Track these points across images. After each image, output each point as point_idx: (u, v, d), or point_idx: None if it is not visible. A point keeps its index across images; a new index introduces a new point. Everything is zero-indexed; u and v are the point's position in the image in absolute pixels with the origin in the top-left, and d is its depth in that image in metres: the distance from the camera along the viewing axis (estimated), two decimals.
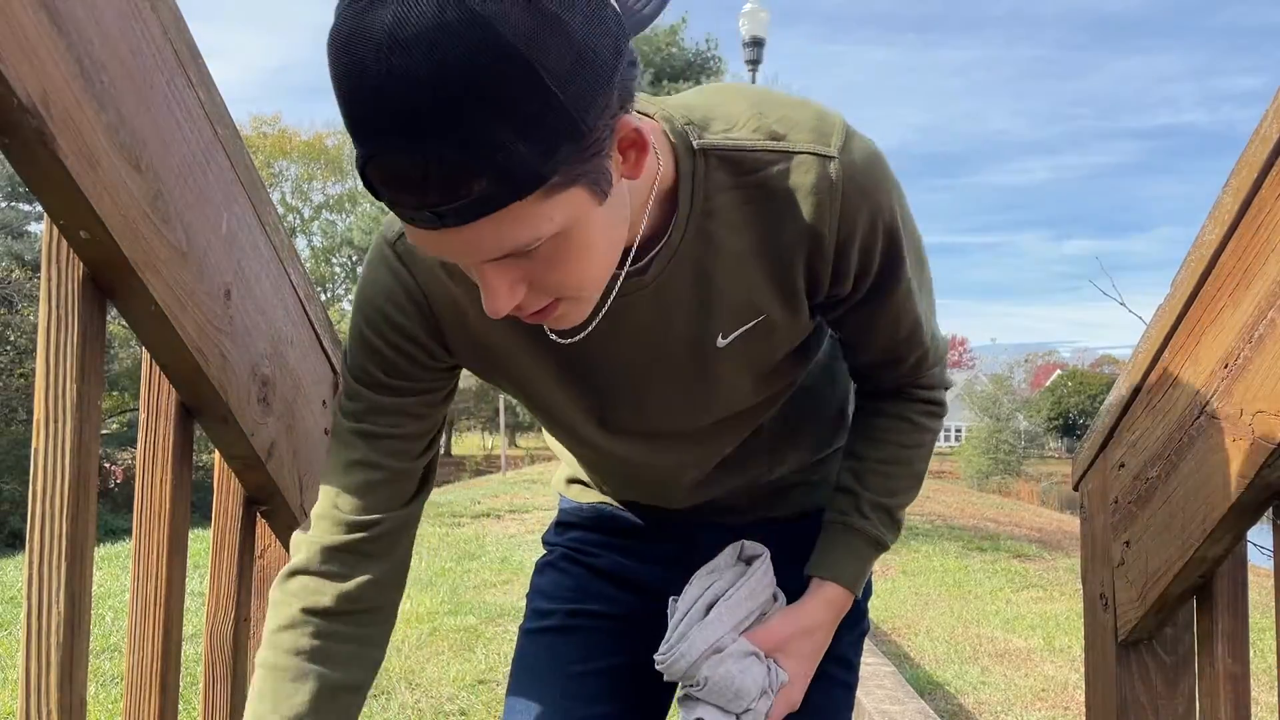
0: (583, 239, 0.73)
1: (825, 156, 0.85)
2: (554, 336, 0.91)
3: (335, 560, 0.93)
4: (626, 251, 0.86)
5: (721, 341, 0.92)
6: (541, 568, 1.20)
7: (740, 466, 1.07)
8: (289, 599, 0.92)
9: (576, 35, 0.64)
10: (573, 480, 1.22)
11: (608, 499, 1.19)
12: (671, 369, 0.94)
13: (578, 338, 0.90)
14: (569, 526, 1.21)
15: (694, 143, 0.85)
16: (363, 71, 0.61)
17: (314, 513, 0.95)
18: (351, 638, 0.93)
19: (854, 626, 1.12)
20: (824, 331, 1.03)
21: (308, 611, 0.91)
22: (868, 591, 1.16)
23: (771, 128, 0.86)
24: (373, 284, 0.90)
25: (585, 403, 0.97)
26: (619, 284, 0.87)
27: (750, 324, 0.91)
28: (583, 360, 0.94)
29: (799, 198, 0.85)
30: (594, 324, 0.88)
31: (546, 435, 1.15)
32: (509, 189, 0.65)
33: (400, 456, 0.94)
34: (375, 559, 0.94)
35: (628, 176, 0.76)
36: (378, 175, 0.65)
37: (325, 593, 0.92)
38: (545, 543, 1.23)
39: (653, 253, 0.87)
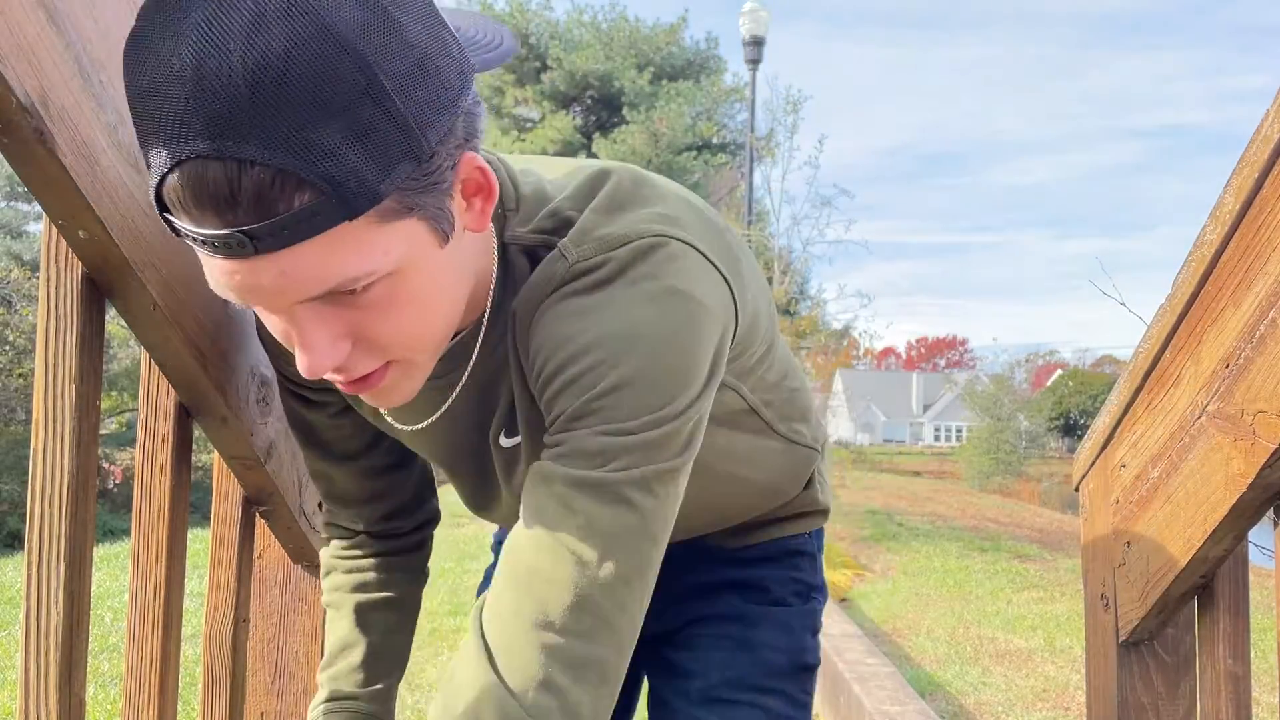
0: (419, 285, 0.63)
1: (564, 256, 0.72)
2: (392, 421, 0.84)
3: (340, 531, 1.05)
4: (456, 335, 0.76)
5: (504, 441, 0.82)
6: (489, 572, 1.18)
7: None
8: (326, 549, 1.06)
9: (417, 42, 0.57)
10: None
11: None
12: (461, 453, 0.88)
13: (419, 426, 0.81)
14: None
15: (505, 234, 0.75)
16: (165, 70, 0.52)
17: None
18: (370, 568, 1.03)
19: (794, 661, 1.03)
20: None
21: (335, 557, 1.05)
22: (814, 626, 1.07)
23: (564, 219, 0.74)
24: None
25: (404, 440, 0.94)
26: (461, 383, 0.78)
27: (516, 439, 0.81)
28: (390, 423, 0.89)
29: (527, 292, 0.73)
30: (435, 417, 0.80)
31: None
32: (336, 205, 0.55)
33: (333, 458, 0.98)
34: (375, 536, 1.04)
35: (471, 228, 0.67)
36: (177, 190, 0.54)
37: (344, 544, 1.04)
38: (495, 545, 1.21)
39: (450, 348, 0.77)
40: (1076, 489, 1.30)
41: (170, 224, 0.57)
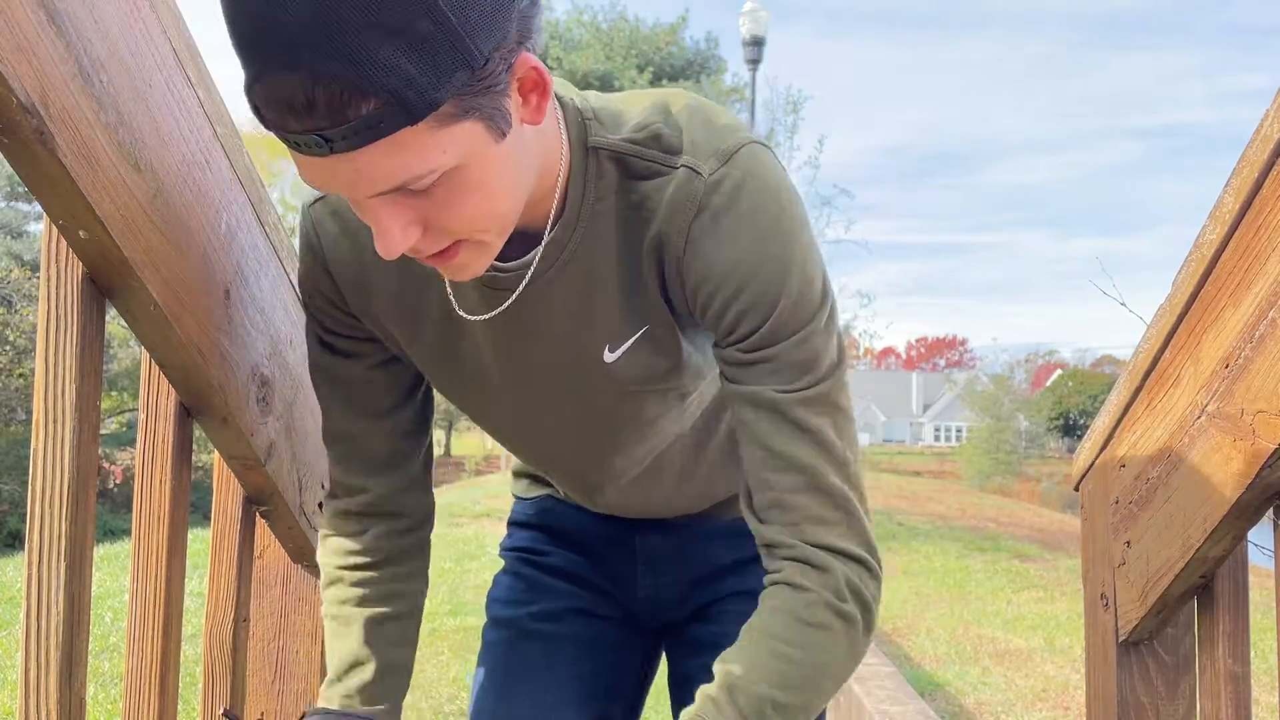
0: (480, 177, 0.70)
1: (696, 172, 0.80)
2: (460, 311, 0.89)
3: (349, 520, 1.01)
4: (523, 236, 0.83)
5: (609, 356, 0.89)
6: (497, 579, 1.19)
7: (657, 479, 1.04)
8: (325, 560, 1.02)
9: None
10: (520, 474, 1.22)
11: (553, 490, 1.17)
12: (557, 376, 0.91)
13: (486, 316, 0.87)
14: (519, 527, 1.21)
15: (589, 139, 0.82)
16: None
17: (330, 479, 1.03)
18: (381, 579, 1.01)
19: None
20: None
21: (340, 568, 1.01)
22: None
23: (668, 137, 0.82)
24: (301, 253, 0.93)
25: (477, 395, 0.97)
26: (533, 266, 0.84)
27: (635, 336, 0.88)
28: (456, 349, 0.92)
29: (665, 210, 0.82)
30: (505, 305, 0.86)
31: None
32: (398, 113, 0.63)
33: (365, 415, 0.98)
34: (384, 517, 1.01)
35: (529, 121, 0.73)
36: (263, 98, 0.63)
37: (349, 550, 1.00)
38: (501, 550, 1.22)
39: (540, 248, 0.84)
40: (1076, 489, 1.30)
41: (261, 119, 0.65)
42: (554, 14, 17.38)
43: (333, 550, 1.01)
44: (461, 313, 0.88)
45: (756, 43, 9.92)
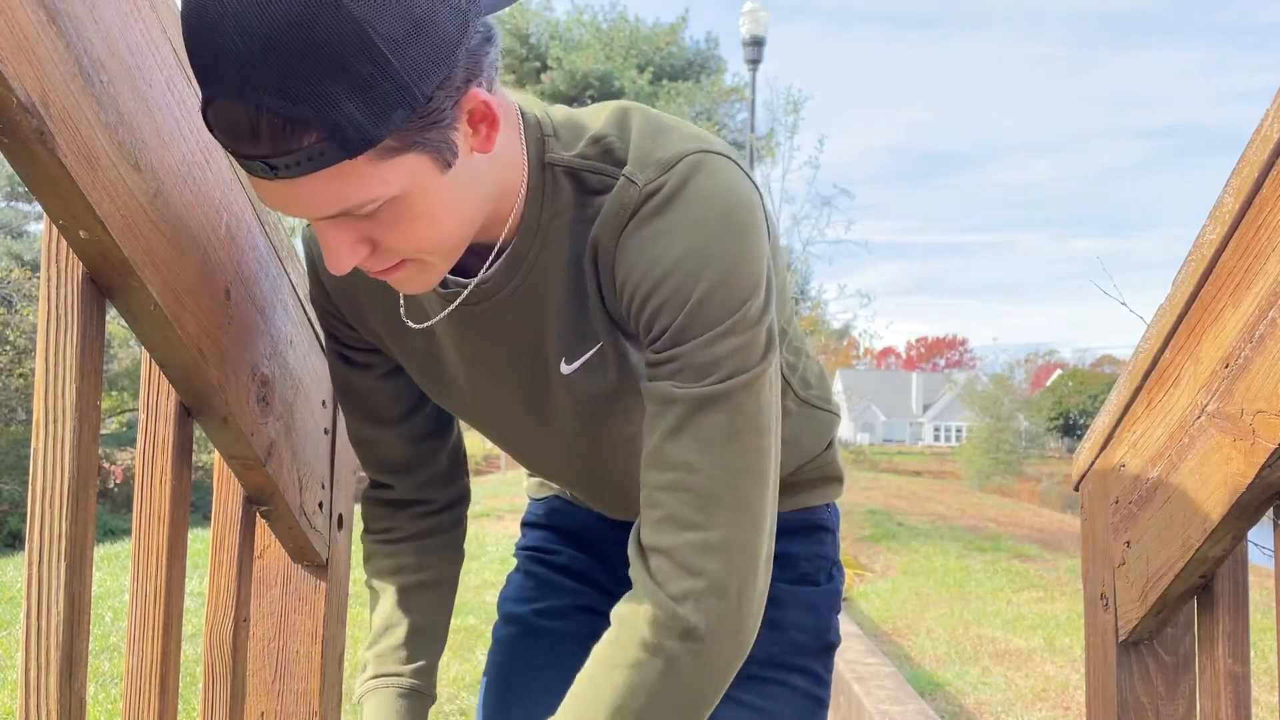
0: (425, 205, 0.73)
1: (632, 181, 0.80)
2: (407, 320, 0.93)
3: (375, 505, 1.09)
4: (487, 251, 0.86)
5: (566, 369, 0.89)
6: (510, 577, 1.23)
7: None
8: (365, 536, 1.10)
9: (417, 3, 0.65)
10: (531, 474, 1.24)
11: (560, 490, 1.20)
12: (515, 387, 0.92)
13: (425, 325, 0.91)
14: (531, 527, 1.24)
15: (546, 155, 0.84)
16: (203, 14, 0.63)
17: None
18: (406, 551, 1.08)
19: (819, 640, 1.09)
20: None
21: (376, 543, 1.09)
22: (836, 605, 1.12)
23: (617, 150, 0.82)
24: (308, 266, 0.98)
25: (459, 404, 1.00)
26: (472, 286, 0.86)
27: (590, 351, 0.88)
28: (439, 359, 0.95)
29: (601, 218, 0.82)
30: (443, 314, 0.88)
31: None
32: (338, 147, 0.66)
33: (378, 421, 1.04)
34: (405, 504, 1.08)
35: (479, 150, 0.75)
36: (214, 120, 0.67)
37: (383, 529, 1.09)
38: (516, 550, 1.25)
39: (498, 262, 0.86)
40: (1076, 489, 1.30)
41: (217, 140, 0.69)
42: (554, 14, 17.38)
43: (369, 529, 1.10)
44: (408, 321, 0.92)
45: (757, 43, 9.91)
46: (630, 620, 0.79)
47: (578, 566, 1.17)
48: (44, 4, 0.68)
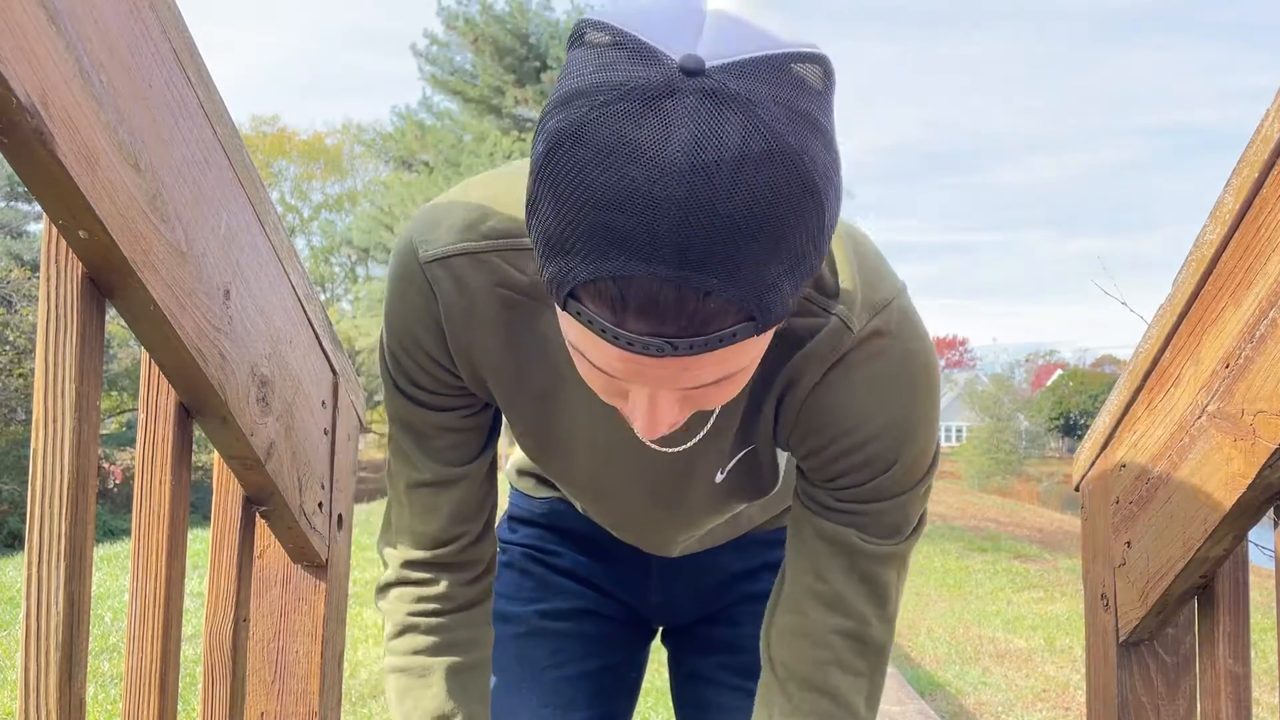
0: (753, 364, 0.67)
1: (847, 326, 0.77)
2: (653, 446, 0.87)
3: (421, 569, 0.96)
4: None
5: (719, 477, 0.90)
6: (500, 570, 1.17)
7: (699, 539, 1.07)
8: (394, 608, 0.97)
9: (841, 172, 0.60)
10: (525, 472, 1.20)
11: (562, 495, 1.16)
12: (648, 481, 0.91)
13: (680, 447, 0.86)
14: (522, 522, 1.19)
15: None
16: (639, 190, 0.53)
17: (395, 527, 0.98)
18: (458, 624, 0.97)
19: None
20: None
21: (413, 615, 0.96)
22: None
23: (825, 279, 0.78)
24: (402, 303, 0.85)
25: (561, 463, 0.94)
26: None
27: (741, 454, 0.88)
28: (568, 432, 0.90)
29: (806, 351, 0.78)
30: (697, 437, 0.84)
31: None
32: (759, 326, 0.58)
33: (453, 464, 0.93)
34: (458, 567, 0.97)
35: None
36: (616, 297, 0.56)
37: (422, 598, 0.96)
38: (501, 541, 1.19)
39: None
40: (1076, 489, 1.30)
41: (577, 310, 0.58)
42: (554, 14, 17.36)
43: (403, 597, 0.97)
44: (654, 446, 0.87)
45: None
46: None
47: (580, 570, 1.16)
48: (44, 4, 0.68)
